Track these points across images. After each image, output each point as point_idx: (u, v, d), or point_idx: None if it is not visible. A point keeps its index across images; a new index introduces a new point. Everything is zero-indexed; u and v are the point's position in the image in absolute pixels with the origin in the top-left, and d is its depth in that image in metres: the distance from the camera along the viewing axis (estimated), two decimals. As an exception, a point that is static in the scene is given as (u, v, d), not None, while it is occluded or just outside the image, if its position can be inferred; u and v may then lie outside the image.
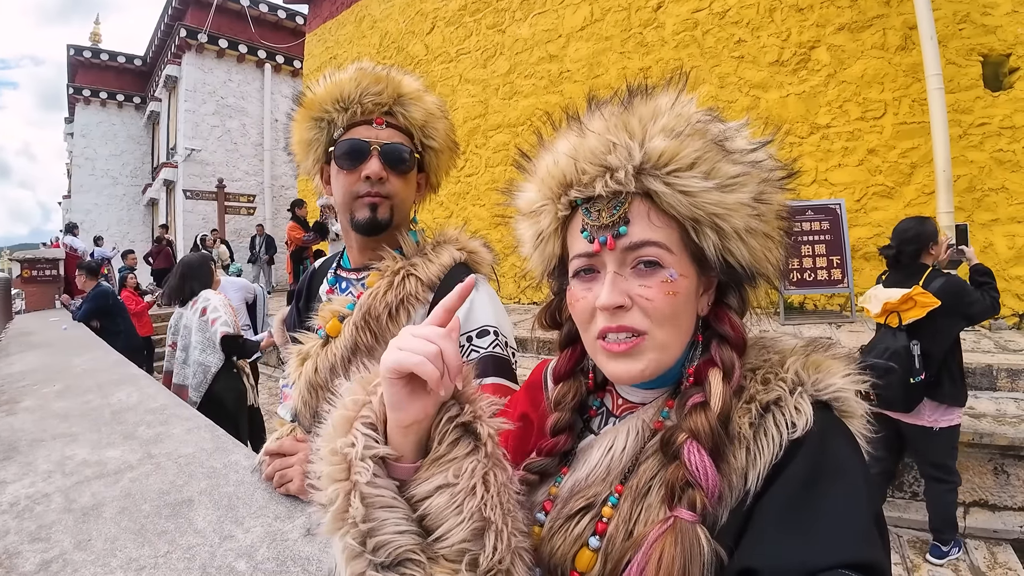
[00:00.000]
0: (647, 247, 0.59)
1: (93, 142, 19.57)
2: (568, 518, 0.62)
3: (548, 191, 0.65)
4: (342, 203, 1.16)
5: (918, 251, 3.03)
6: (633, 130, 0.60)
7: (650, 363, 0.60)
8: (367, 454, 0.56)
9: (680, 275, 0.59)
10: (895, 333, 2.95)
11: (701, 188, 0.57)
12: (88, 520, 1.33)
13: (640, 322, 0.59)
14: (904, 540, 3.21)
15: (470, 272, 1.14)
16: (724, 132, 0.60)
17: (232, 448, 1.80)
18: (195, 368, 3.58)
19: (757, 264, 0.62)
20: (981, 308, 2.92)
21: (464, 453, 0.57)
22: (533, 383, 0.82)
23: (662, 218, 0.59)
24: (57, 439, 2.03)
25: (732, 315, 0.64)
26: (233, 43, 16.10)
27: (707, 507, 0.52)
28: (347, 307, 1.14)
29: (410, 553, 0.54)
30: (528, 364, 5.04)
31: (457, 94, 9.02)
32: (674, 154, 0.57)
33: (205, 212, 15.71)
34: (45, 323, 7.17)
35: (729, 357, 0.60)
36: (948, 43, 5.04)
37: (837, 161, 5.66)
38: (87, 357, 4.09)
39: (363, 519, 0.53)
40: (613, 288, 0.59)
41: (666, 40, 6.75)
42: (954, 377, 2.91)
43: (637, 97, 0.62)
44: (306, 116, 1.16)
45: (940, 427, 2.90)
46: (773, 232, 0.62)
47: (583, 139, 0.62)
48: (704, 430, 0.55)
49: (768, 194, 0.60)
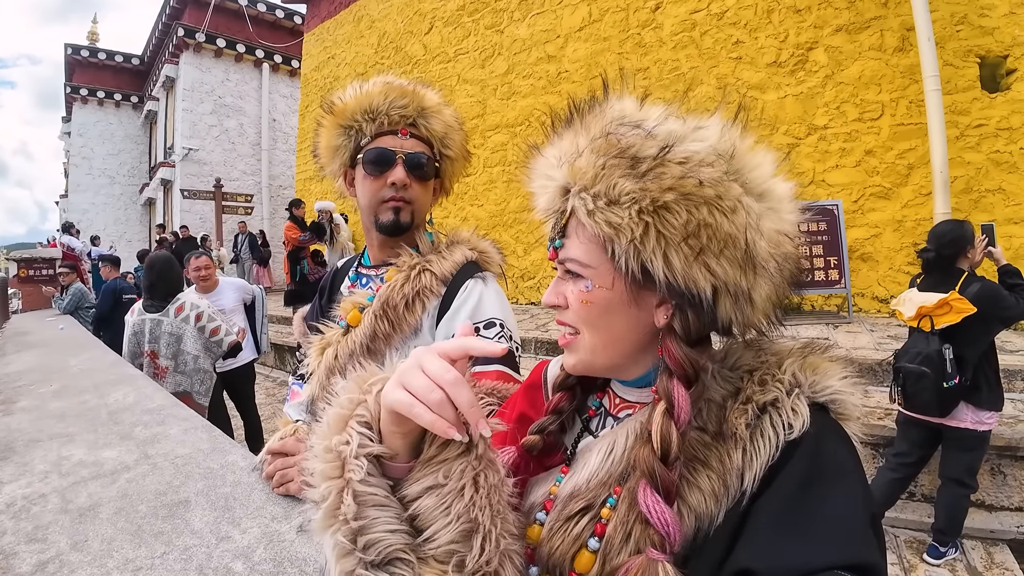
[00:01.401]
0: (569, 262, 0.64)
1: (90, 141, 19.54)
2: (568, 519, 0.62)
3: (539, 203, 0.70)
4: (367, 205, 1.26)
5: (955, 255, 2.99)
6: (564, 151, 0.64)
7: (579, 361, 0.66)
8: (361, 452, 0.56)
9: (598, 286, 0.61)
10: (928, 337, 2.91)
11: (594, 207, 0.58)
12: (85, 521, 1.33)
13: (572, 320, 0.65)
14: (901, 540, 3.21)
15: (480, 270, 1.25)
16: (635, 140, 0.57)
17: (229, 449, 1.79)
18: (199, 376, 3.57)
19: (691, 283, 0.56)
20: (1016, 312, 2.87)
21: (455, 455, 0.57)
22: (532, 384, 0.82)
23: (585, 232, 0.62)
24: (54, 439, 2.03)
25: (669, 340, 0.60)
26: (231, 42, 16.08)
27: (667, 547, 0.53)
28: (367, 299, 1.23)
29: (400, 552, 0.54)
30: (526, 364, 5.02)
31: (455, 94, 9.01)
32: (575, 174, 0.60)
33: (202, 212, 15.69)
34: (42, 323, 7.16)
35: (664, 388, 0.58)
36: (945, 44, 5.06)
37: (834, 162, 5.67)
38: (84, 357, 4.07)
39: (354, 516, 0.53)
40: (552, 289, 0.67)
41: (664, 41, 6.76)
42: (990, 381, 2.89)
43: (576, 115, 0.65)
44: (335, 123, 1.25)
45: (981, 430, 2.88)
46: (700, 247, 0.56)
47: (536, 163, 0.68)
48: (646, 470, 0.55)
49: (678, 206, 0.55)
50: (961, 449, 2.95)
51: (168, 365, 3.56)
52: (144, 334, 3.60)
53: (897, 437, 3.19)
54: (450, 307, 1.17)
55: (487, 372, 1.06)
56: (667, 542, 0.53)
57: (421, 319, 1.19)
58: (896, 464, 3.15)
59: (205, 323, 3.61)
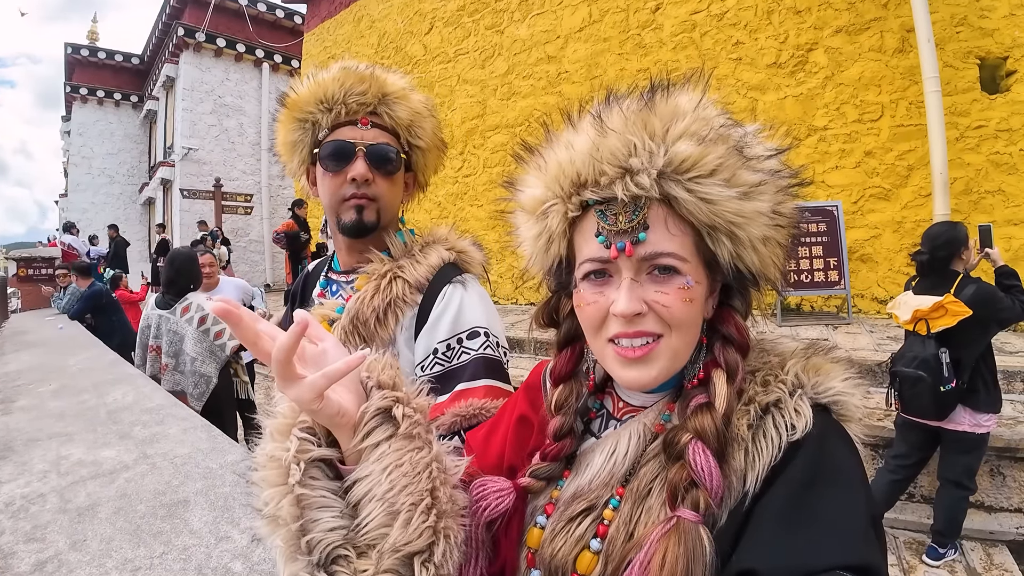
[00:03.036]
0: (664, 257, 0.57)
1: (90, 141, 19.50)
2: (570, 520, 0.62)
3: (559, 189, 0.61)
4: (329, 205, 1.15)
5: (949, 257, 2.98)
6: (654, 131, 0.57)
7: (662, 370, 0.59)
8: (301, 457, 0.57)
9: (696, 282, 0.58)
10: (924, 341, 2.91)
11: (722, 196, 0.55)
12: (83, 520, 1.32)
13: (656, 327, 0.58)
14: (900, 541, 3.21)
15: (459, 272, 1.14)
16: (743, 137, 0.59)
17: (228, 449, 1.79)
18: (195, 379, 3.53)
19: (764, 270, 0.62)
20: (1012, 314, 2.87)
21: (383, 438, 0.58)
22: (532, 384, 0.81)
23: (679, 224, 0.57)
24: (53, 439, 2.02)
25: (737, 317, 0.64)
26: (231, 42, 16.05)
27: (710, 507, 0.52)
28: (336, 311, 1.12)
29: (340, 549, 0.55)
30: (524, 365, 5.04)
31: (455, 94, 9.01)
32: (697, 160, 0.55)
33: (202, 212, 15.66)
34: (41, 322, 7.15)
35: (733, 359, 0.60)
36: (945, 46, 5.06)
37: (834, 163, 5.67)
38: (83, 356, 4.07)
39: (295, 519, 0.55)
40: (631, 295, 0.57)
41: (664, 42, 6.76)
42: (988, 383, 2.89)
43: (659, 94, 0.59)
44: (290, 117, 1.15)
45: (980, 432, 2.88)
46: (784, 240, 0.62)
47: (603, 137, 0.58)
48: (709, 430, 0.55)
49: (784, 203, 0.60)
50: (959, 451, 2.95)
51: (169, 363, 3.58)
52: (151, 328, 3.66)
53: (896, 439, 3.19)
54: (428, 318, 1.07)
55: (474, 389, 0.99)
56: (713, 503, 0.53)
57: (395, 333, 1.08)
58: (895, 466, 3.15)
59: (209, 326, 3.59)
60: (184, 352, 3.57)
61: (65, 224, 13.84)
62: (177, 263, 3.75)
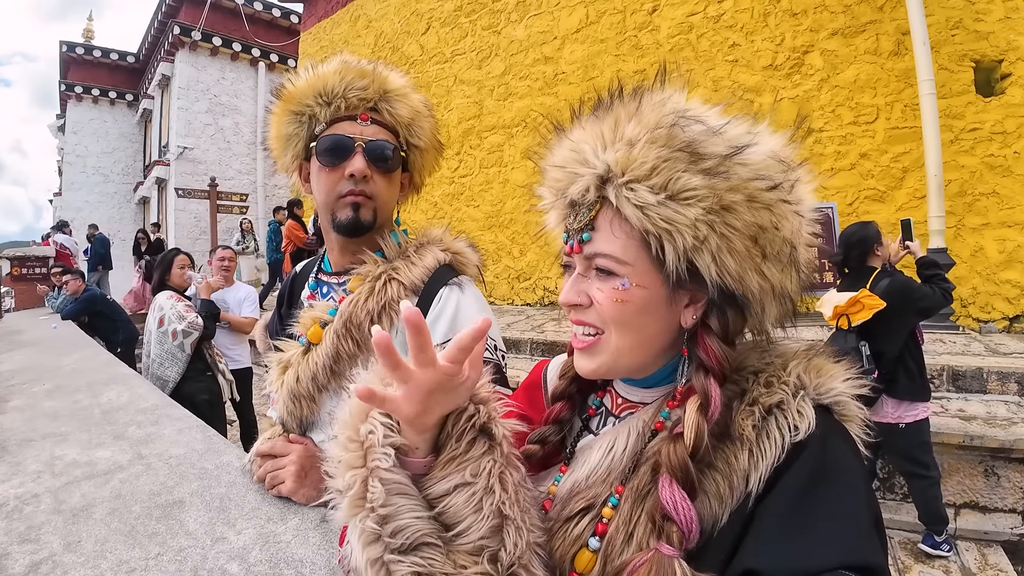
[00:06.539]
0: (600, 257, 0.60)
1: (85, 139, 19.39)
2: (568, 519, 0.62)
3: (553, 192, 0.67)
4: (323, 202, 1.11)
5: (863, 254, 3.14)
6: (604, 137, 0.60)
7: (602, 364, 0.62)
8: (386, 442, 0.57)
9: (635, 285, 0.59)
10: (846, 335, 3.02)
11: (650, 201, 0.55)
12: (78, 521, 1.31)
13: (596, 320, 0.62)
14: (895, 542, 3.23)
15: (455, 274, 1.11)
16: (700, 136, 0.57)
17: (224, 449, 1.78)
18: (157, 382, 3.48)
19: (740, 285, 0.58)
20: (932, 302, 2.98)
21: (480, 453, 0.58)
22: (532, 383, 0.81)
23: (624, 227, 0.59)
24: (46, 439, 2.01)
25: (708, 338, 0.60)
26: (227, 41, 16.01)
27: (684, 542, 0.52)
28: (329, 312, 1.10)
29: (427, 538, 0.55)
30: (521, 366, 5.04)
31: (452, 95, 9.01)
32: (628, 164, 0.57)
33: (197, 211, 15.61)
34: (35, 321, 7.10)
35: (702, 385, 0.58)
36: (940, 49, 5.09)
37: (829, 165, 5.69)
38: (77, 356, 4.04)
39: (382, 504, 0.54)
40: (572, 287, 0.63)
41: (661, 43, 6.78)
42: (911, 373, 2.97)
43: (616, 101, 0.62)
44: (285, 110, 1.11)
45: (906, 423, 2.96)
46: (756, 250, 0.57)
47: (564, 146, 0.64)
48: (677, 465, 0.55)
49: (742, 208, 0.56)
50: (895, 444, 3.03)
51: (146, 361, 3.68)
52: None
53: None
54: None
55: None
56: (686, 539, 0.52)
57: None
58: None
59: (166, 327, 3.59)
60: (152, 352, 3.63)
61: (58, 223, 13.74)
62: (156, 263, 3.89)
